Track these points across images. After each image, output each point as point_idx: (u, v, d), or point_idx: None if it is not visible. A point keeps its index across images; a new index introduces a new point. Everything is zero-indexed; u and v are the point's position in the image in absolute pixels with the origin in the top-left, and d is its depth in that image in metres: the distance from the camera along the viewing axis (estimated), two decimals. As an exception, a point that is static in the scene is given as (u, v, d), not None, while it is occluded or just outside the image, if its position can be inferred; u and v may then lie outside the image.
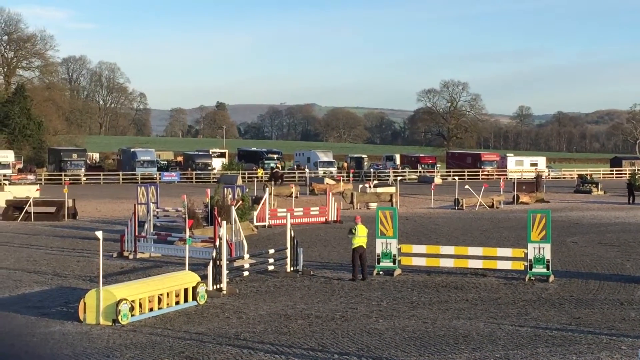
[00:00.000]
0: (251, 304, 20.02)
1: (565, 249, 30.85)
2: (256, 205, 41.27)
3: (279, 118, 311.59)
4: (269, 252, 25.73)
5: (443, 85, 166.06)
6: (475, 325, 17.44)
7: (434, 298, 20.94)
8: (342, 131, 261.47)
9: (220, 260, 21.47)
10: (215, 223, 25.59)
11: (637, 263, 27.17)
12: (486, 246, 28.13)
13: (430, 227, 39.97)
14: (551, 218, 24.14)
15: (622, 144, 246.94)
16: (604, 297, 21.11)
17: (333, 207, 43.04)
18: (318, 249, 31.17)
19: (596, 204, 58.15)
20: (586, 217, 46.39)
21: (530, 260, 23.51)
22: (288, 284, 23.16)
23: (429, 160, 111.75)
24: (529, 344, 15.75)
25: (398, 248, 24.91)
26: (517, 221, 41.90)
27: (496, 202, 54.32)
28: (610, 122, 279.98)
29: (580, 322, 17.90)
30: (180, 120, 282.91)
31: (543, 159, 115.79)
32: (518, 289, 22.35)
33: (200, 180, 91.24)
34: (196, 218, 34.24)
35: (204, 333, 16.76)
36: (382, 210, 25.55)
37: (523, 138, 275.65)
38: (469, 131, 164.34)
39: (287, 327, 17.32)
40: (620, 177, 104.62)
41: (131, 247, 29.11)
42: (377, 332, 16.80)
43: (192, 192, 48.67)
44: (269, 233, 36.92)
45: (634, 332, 16.75)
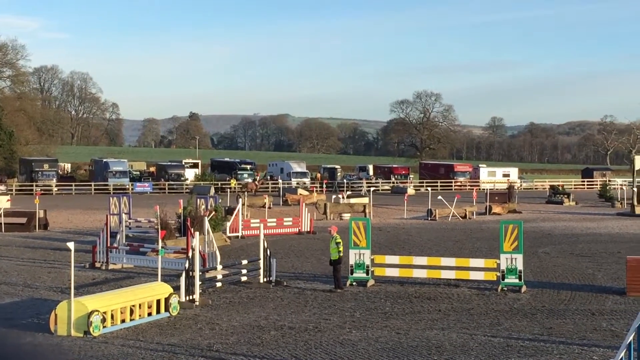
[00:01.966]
0: (224, 315, 19.95)
1: (537, 260, 31.00)
2: (229, 215, 41.16)
3: (252, 128, 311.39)
4: (242, 262, 25.65)
5: (416, 96, 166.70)
6: (448, 336, 17.48)
7: (407, 309, 20.96)
8: (316, 142, 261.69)
9: (193, 271, 21.39)
10: (188, 234, 25.51)
11: (608, 273, 27.35)
12: (459, 257, 28.19)
13: (403, 238, 40.04)
14: (523, 229, 24.26)
15: (593, 155, 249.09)
16: (576, 307, 21.22)
17: (306, 218, 43.02)
18: (291, 260, 31.12)
19: (568, 214, 58.51)
20: (558, 227, 46.66)
21: (503, 270, 23.60)
22: (261, 294, 23.10)
23: (402, 171, 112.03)
24: (502, 355, 15.81)
25: (371, 259, 24.93)
26: (489, 232, 42.07)
27: (469, 212, 54.51)
28: (582, 133, 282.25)
29: (552, 332, 17.99)
30: (153, 131, 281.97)
31: (515, 169, 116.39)
32: (490, 299, 22.43)
33: (173, 190, 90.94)
34: (169, 229, 34.10)
35: (177, 344, 16.67)
36: (355, 221, 25.56)
37: (495, 149, 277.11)
38: (441, 142, 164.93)
39: (260, 338, 17.27)
40: (591, 188, 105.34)
41: (103, 258, 28.92)
42: (350, 343, 16.79)
43: (164, 203, 48.50)
44: (242, 244, 36.84)
45: (605, 343, 16.85)
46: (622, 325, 18.50)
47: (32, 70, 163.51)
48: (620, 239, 39.58)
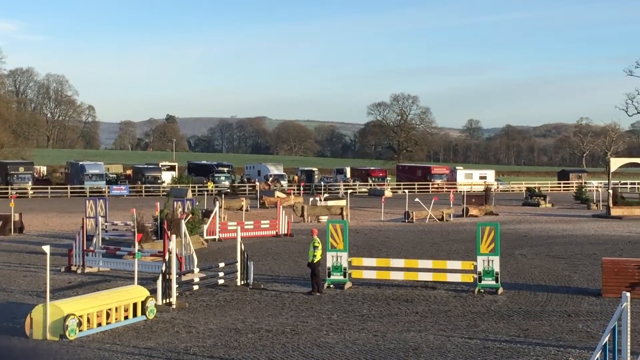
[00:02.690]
0: (201, 318, 19.89)
1: (514, 262, 31.12)
2: (206, 218, 41.07)
3: (229, 131, 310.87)
4: (219, 265, 25.60)
5: (393, 99, 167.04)
6: (425, 338, 17.50)
7: (384, 311, 20.97)
8: (293, 144, 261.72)
9: (169, 274, 21.32)
10: (165, 237, 25.41)
11: (584, 275, 27.49)
12: (436, 259, 28.26)
13: (380, 240, 40.08)
14: (500, 231, 24.33)
15: (569, 157, 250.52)
16: (552, 308, 21.31)
17: (283, 221, 42.97)
18: (268, 263, 31.08)
19: (544, 216, 58.79)
20: (534, 229, 46.86)
21: (480, 272, 23.68)
22: (238, 297, 23.05)
23: (379, 173, 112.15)
24: (478, 356, 15.85)
25: (348, 261, 24.93)
26: (466, 234, 42.19)
27: (446, 215, 54.65)
28: (558, 135, 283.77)
29: (528, 333, 18.05)
30: (130, 133, 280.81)
31: (492, 172, 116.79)
32: (467, 301, 22.48)
33: (150, 193, 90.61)
34: (145, 232, 33.96)
35: (153, 348, 16.60)
36: (332, 224, 25.55)
37: (472, 151, 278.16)
38: (419, 144, 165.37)
39: (237, 341, 17.23)
40: (567, 190, 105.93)
41: (79, 261, 28.76)
42: (327, 346, 16.78)
43: (141, 206, 48.28)
44: (219, 246, 36.76)
45: (581, 344, 16.93)
46: (598, 326, 18.60)
47: (8, 72, 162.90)
48: (596, 241, 39.81)
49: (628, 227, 47.99)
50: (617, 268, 23.23)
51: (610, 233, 44.32)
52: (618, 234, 43.48)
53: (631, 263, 23.52)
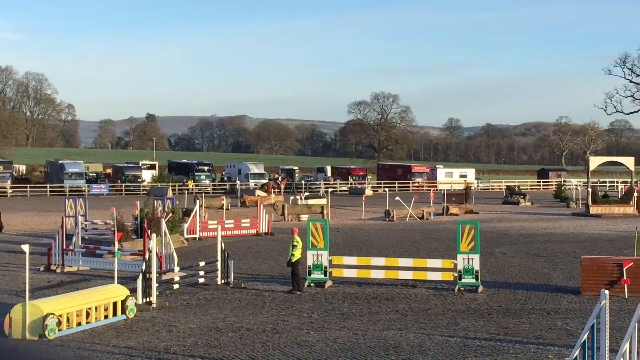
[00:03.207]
0: (181, 317, 19.85)
1: (494, 260, 31.23)
2: (187, 217, 40.98)
3: (209, 130, 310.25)
4: (200, 264, 25.54)
5: (373, 98, 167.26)
6: (405, 336, 17.54)
7: (364, 309, 21.00)
8: (273, 143, 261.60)
9: (149, 273, 21.26)
10: (145, 236, 25.32)
11: (563, 273, 27.62)
12: (416, 257, 28.32)
13: (361, 239, 40.12)
14: (480, 229, 24.42)
15: (548, 156, 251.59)
16: (532, 306, 21.41)
17: (264, 219, 42.94)
18: (249, 261, 31.05)
19: (524, 214, 59.00)
20: (514, 227, 47.04)
21: (460, 271, 23.74)
22: (219, 296, 23.02)
23: (359, 172, 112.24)
24: (458, 354, 15.90)
25: (329, 260, 24.94)
26: (446, 232, 42.29)
27: (426, 213, 54.76)
28: (537, 134, 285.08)
29: (508, 331, 18.13)
30: (110, 132, 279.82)
31: (472, 170, 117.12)
32: (447, 299, 22.55)
33: (130, 192, 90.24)
34: (125, 231, 33.86)
35: (133, 347, 16.56)
36: (313, 222, 25.57)
37: (452, 150, 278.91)
38: (399, 143, 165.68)
39: (217, 340, 17.21)
40: (547, 188, 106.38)
41: (59, 260, 28.63)
42: (308, 344, 16.79)
43: (121, 205, 48.08)
44: (199, 245, 36.69)
45: (560, 342, 17.01)
46: (577, 324, 18.70)
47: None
48: (575, 239, 40.00)
49: (607, 225, 48.26)
50: (596, 266, 23.37)
51: (589, 231, 44.55)
52: (597, 232, 43.71)
53: (610, 261, 23.66)
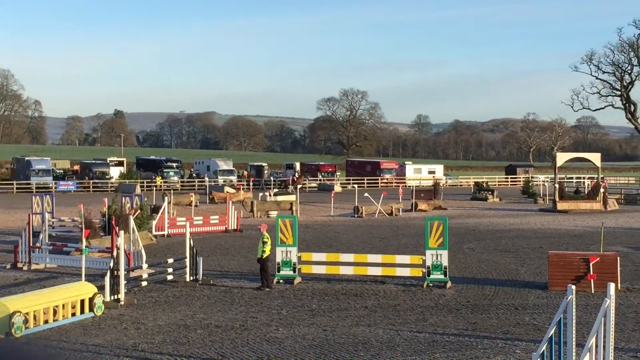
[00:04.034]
0: (149, 314, 19.76)
1: (462, 256, 31.38)
2: (155, 214, 40.80)
3: (178, 126, 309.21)
4: (168, 261, 25.46)
5: (342, 94, 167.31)
6: (374, 332, 17.58)
7: (333, 306, 21.02)
8: (242, 139, 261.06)
9: (117, 271, 21.14)
10: (113, 233, 25.18)
11: (530, 268, 27.80)
12: (385, 253, 28.40)
13: (330, 235, 40.15)
14: (448, 225, 24.51)
15: (516, 152, 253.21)
16: (499, 302, 21.53)
17: (233, 216, 42.85)
18: (218, 258, 30.98)
19: (492, 210, 59.32)
20: (482, 223, 47.28)
21: (428, 267, 23.82)
22: (187, 293, 22.95)
23: (328, 168, 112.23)
24: (427, 350, 15.95)
25: (298, 256, 24.94)
26: (415, 228, 42.43)
27: (395, 209, 54.90)
28: (505, 130, 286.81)
29: (476, 327, 18.22)
30: (77, 129, 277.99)
31: (441, 167, 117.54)
32: (416, 295, 22.62)
33: (98, 189, 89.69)
34: (93, 228, 33.66)
35: (101, 345, 16.46)
36: (282, 219, 25.55)
37: (421, 146, 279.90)
38: (368, 139, 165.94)
39: (186, 337, 17.15)
40: (514, 184, 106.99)
41: (25, 258, 28.39)
42: (277, 341, 16.78)
43: (89, 202, 47.86)
44: (168, 242, 36.55)
45: (528, 336, 17.12)
46: (544, 319, 18.83)
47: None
48: (543, 235, 40.29)
49: (573, 221, 48.64)
50: (563, 261, 23.54)
51: (556, 227, 44.88)
52: (564, 228, 44.04)
53: (576, 256, 23.85)
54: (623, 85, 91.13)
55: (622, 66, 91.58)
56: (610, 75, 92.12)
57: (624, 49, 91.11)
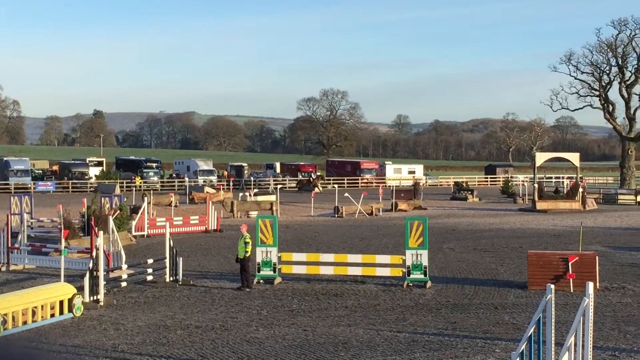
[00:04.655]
0: (129, 315, 19.69)
1: (442, 255, 31.45)
2: (135, 214, 40.69)
3: (158, 126, 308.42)
4: (148, 262, 25.36)
5: (323, 94, 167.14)
6: (354, 332, 17.59)
7: (314, 306, 21.02)
8: (222, 139, 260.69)
9: (97, 271, 21.05)
10: (92, 233, 25.05)
11: (510, 268, 27.90)
12: (365, 253, 28.43)
13: (310, 235, 40.15)
14: (428, 225, 24.55)
15: (496, 152, 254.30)
16: (479, 301, 21.59)
17: (213, 216, 42.76)
18: (198, 259, 30.91)
19: (472, 210, 59.52)
20: (462, 223, 47.42)
21: (408, 266, 23.86)
22: (167, 294, 22.88)
23: (309, 168, 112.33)
24: (407, 350, 15.98)
25: (278, 256, 24.92)
26: (395, 228, 42.50)
27: (375, 209, 54.97)
28: (485, 130, 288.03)
29: (456, 326, 18.26)
30: (56, 129, 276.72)
31: (421, 166, 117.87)
32: (396, 295, 22.65)
33: (77, 189, 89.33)
34: (72, 228, 33.48)
35: (81, 346, 16.39)
36: (262, 219, 25.52)
37: (401, 146, 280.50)
38: (348, 139, 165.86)
39: (166, 337, 17.10)
40: (494, 184, 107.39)
41: (4, 259, 28.22)
42: (257, 341, 16.76)
43: (68, 202, 47.57)
44: (147, 243, 36.43)
45: (507, 336, 17.18)
46: (524, 318, 18.90)
47: None
48: (522, 234, 40.46)
49: (553, 221, 48.88)
50: (542, 261, 23.64)
51: (535, 226, 45.08)
52: (543, 228, 44.25)
53: (555, 256, 23.95)
54: (601, 86, 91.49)
55: (601, 66, 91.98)
56: (589, 75, 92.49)
57: (603, 50, 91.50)
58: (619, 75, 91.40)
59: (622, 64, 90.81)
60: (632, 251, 32.88)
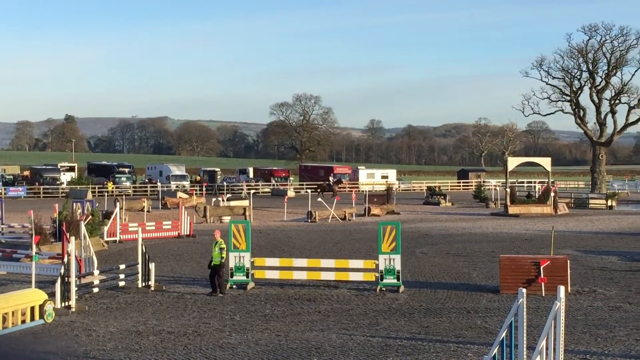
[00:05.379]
0: (101, 321, 19.57)
1: (415, 260, 31.52)
2: (107, 220, 40.44)
3: (130, 131, 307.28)
4: (120, 267, 25.24)
5: (296, 99, 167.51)
6: (327, 337, 17.58)
7: (287, 311, 21.00)
8: (195, 144, 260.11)
9: (68, 277, 20.91)
10: (64, 239, 24.91)
11: (482, 272, 28.01)
12: (338, 258, 28.41)
13: (283, 240, 40.11)
14: (401, 229, 24.60)
15: (468, 157, 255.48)
16: (452, 305, 21.66)
17: (186, 222, 42.61)
18: (170, 264, 30.79)
19: (444, 215, 59.71)
20: (435, 228, 47.54)
21: (381, 271, 23.89)
22: (139, 299, 22.77)
23: (282, 173, 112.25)
24: (380, 354, 15.99)
25: (251, 261, 24.88)
26: (368, 233, 42.54)
27: (348, 214, 55.02)
28: (457, 135, 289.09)
29: (429, 330, 18.30)
30: (27, 134, 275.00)
31: (393, 171, 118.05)
32: (369, 299, 22.67)
33: (49, 195, 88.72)
34: (44, 234, 33.25)
35: (52, 352, 16.27)
36: (235, 224, 25.47)
37: (374, 151, 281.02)
38: (321, 144, 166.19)
39: (138, 343, 17.01)
40: (467, 189, 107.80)
41: (-26, 265, 27.99)
42: (230, 347, 16.71)
43: (39, 207, 47.26)
44: (120, 248, 36.24)
45: (479, 340, 17.24)
46: (496, 322, 18.98)
47: None
48: (495, 238, 40.63)
49: (524, 225, 49.14)
50: (514, 265, 23.77)
51: (507, 231, 45.30)
52: (515, 232, 44.47)
53: (527, 260, 24.10)
54: (572, 91, 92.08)
55: (572, 72, 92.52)
56: (560, 80, 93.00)
57: (573, 55, 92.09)
58: (589, 81, 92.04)
59: (593, 69, 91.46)
60: (603, 255, 33.14)
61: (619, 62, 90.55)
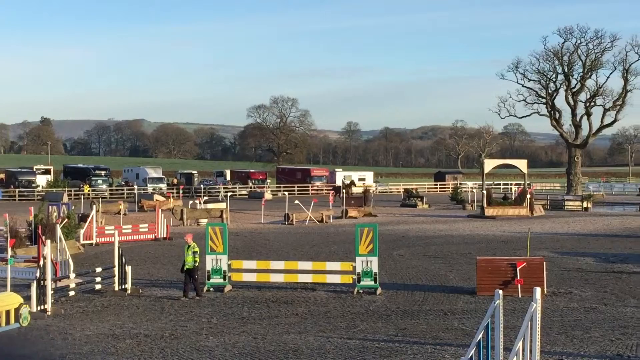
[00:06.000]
0: (77, 324, 19.47)
1: (392, 262, 31.57)
2: (83, 223, 40.26)
3: (106, 134, 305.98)
4: (96, 270, 25.13)
5: (273, 101, 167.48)
6: (305, 339, 17.58)
7: (264, 313, 20.97)
8: (172, 147, 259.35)
9: (44, 280, 20.80)
10: (39, 242, 24.76)
11: (459, 274, 28.10)
12: (316, 260, 28.42)
13: (260, 243, 40.06)
14: (378, 232, 24.63)
15: (445, 159, 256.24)
16: (429, 307, 21.71)
17: (162, 224, 42.48)
18: (147, 267, 30.68)
19: (421, 217, 59.84)
20: (412, 230, 47.64)
21: (359, 273, 23.91)
22: (116, 303, 22.67)
23: (259, 175, 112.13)
24: (357, 356, 16.00)
25: (228, 264, 24.84)
26: (345, 235, 42.57)
27: (325, 216, 55.02)
28: (434, 137, 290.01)
29: (406, 332, 18.34)
30: (2, 136, 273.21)
31: (371, 174, 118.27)
32: (347, 302, 22.69)
33: (24, 198, 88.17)
34: (19, 237, 33.06)
35: (28, 356, 16.18)
36: (212, 227, 25.42)
37: (351, 153, 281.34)
38: (298, 147, 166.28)
39: (114, 347, 16.94)
40: (443, 191, 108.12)
41: (-51, 268, 27.73)
42: (207, 349, 16.67)
43: (15, 210, 47.02)
44: (96, 251, 36.08)
45: (457, 341, 17.29)
46: (473, 323, 19.04)
47: None
48: (471, 240, 40.77)
49: (501, 227, 49.36)
50: (491, 267, 23.87)
51: (484, 233, 45.48)
52: (492, 234, 44.65)
53: (504, 262, 24.20)
54: (548, 93, 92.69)
55: (547, 74, 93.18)
56: (536, 83, 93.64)
57: (549, 58, 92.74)
58: (565, 83, 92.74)
59: (568, 71, 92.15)
60: (579, 256, 33.34)
61: (594, 65, 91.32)
